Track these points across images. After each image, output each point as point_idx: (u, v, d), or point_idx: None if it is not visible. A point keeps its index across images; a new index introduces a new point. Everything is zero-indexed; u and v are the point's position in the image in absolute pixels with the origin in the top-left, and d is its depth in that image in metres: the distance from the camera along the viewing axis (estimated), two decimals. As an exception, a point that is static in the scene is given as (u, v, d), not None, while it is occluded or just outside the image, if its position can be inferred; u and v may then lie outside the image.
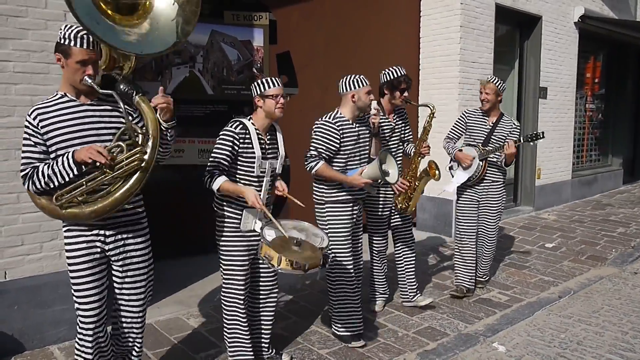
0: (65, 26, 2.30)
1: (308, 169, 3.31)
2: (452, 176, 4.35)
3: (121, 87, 2.35)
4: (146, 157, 2.33)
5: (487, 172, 4.26)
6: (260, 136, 2.91)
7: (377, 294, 4.13)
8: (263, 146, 2.91)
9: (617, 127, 10.74)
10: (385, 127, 3.80)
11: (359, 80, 3.34)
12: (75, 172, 2.28)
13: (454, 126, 4.45)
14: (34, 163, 2.33)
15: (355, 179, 3.27)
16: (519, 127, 4.32)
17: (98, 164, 2.23)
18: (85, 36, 2.28)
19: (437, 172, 3.82)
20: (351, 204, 3.41)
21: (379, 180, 3.35)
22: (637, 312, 4.16)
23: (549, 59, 7.86)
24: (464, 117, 4.40)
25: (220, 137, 2.86)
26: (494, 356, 3.43)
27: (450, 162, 4.42)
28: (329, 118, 3.34)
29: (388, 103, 3.82)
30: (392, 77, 3.74)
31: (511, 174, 7.91)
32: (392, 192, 3.87)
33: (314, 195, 3.46)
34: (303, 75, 5.66)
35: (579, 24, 8.33)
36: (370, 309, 4.06)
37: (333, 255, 3.36)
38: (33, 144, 2.32)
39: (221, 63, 5.20)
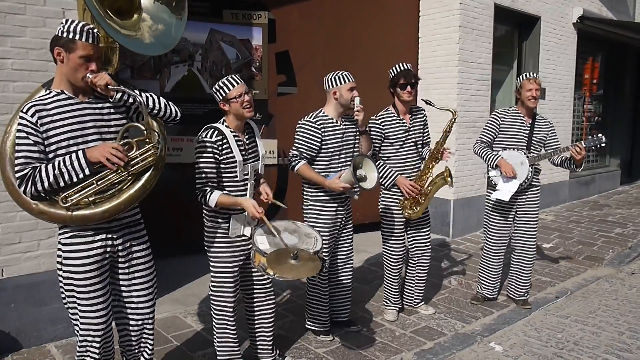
0: (67, 20, 2.23)
1: (290, 168, 3.34)
2: (495, 183, 3.99)
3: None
4: (159, 152, 2.34)
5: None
6: (237, 138, 2.83)
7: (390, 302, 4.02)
8: (242, 149, 2.84)
9: (615, 128, 10.75)
10: (398, 129, 3.70)
11: (341, 76, 3.29)
12: (87, 172, 2.21)
13: (486, 129, 4.09)
14: (32, 163, 2.18)
15: (333, 182, 3.23)
16: (553, 125, 4.12)
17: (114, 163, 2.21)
18: (90, 31, 2.22)
19: (450, 179, 3.65)
20: (335, 205, 3.39)
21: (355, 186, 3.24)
22: (634, 312, 4.17)
23: (547, 60, 7.87)
24: (497, 118, 4.05)
25: (198, 149, 2.77)
26: (491, 356, 3.44)
27: (489, 170, 4.04)
28: (311, 117, 3.32)
29: (400, 103, 3.71)
30: (393, 74, 3.65)
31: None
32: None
33: (302, 193, 3.47)
34: (302, 75, 5.66)
35: (577, 25, 8.34)
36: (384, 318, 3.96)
37: (327, 258, 3.35)
38: (32, 142, 2.18)
39: (220, 62, 5.20)
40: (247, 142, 2.90)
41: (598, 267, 5.35)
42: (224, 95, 2.78)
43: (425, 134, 3.90)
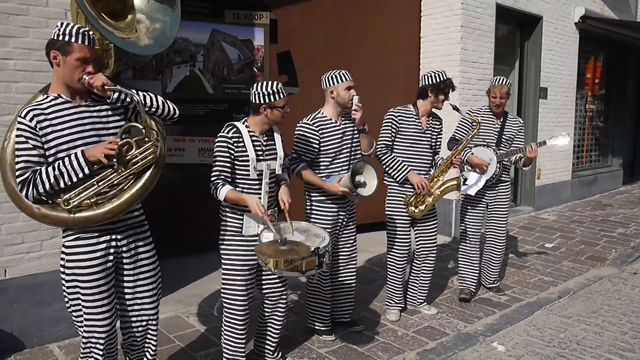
0: (62, 23, 2.23)
1: (290, 171, 3.32)
2: (465, 179, 4.10)
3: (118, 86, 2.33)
4: (159, 151, 2.34)
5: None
6: (254, 138, 2.85)
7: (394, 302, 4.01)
8: (258, 148, 2.86)
9: (617, 127, 10.74)
10: (412, 127, 3.71)
11: (338, 75, 3.28)
12: (87, 172, 2.21)
13: (459, 127, 4.24)
14: (32, 167, 2.19)
15: (333, 186, 3.21)
16: (523, 124, 4.28)
17: (114, 159, 2.21)
18: (86, 33, 2.23)
19: (459, 186, 3.79)
20: (336, 207, 3.38)
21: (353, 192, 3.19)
22: (637, 312, 4.17)
23: (549, 59, 7.86)
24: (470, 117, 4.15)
25: (216, 144, 2.82)
26: (494, 356, 3.44)
27: (463, 168, 4.17)
28: (308, 120, 3.33)
29: (426, 105, 3.73)
30: (439, 80, 3.64)
31: (511, 174, 7.90)
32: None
33: (305, 194, 3.47)
34: (304, 75, 5.66)
35: (579, 25, 8.33)
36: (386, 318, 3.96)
37: (329, 255, 3.35)
38: (31, 146, 2.19)
39: (222, 62, 5.20)
40: (265, 143, 2.91)
41: (600, 267, 5.34)
42: (272, 101, 2.81)
43: (438, 139, 3.90)
